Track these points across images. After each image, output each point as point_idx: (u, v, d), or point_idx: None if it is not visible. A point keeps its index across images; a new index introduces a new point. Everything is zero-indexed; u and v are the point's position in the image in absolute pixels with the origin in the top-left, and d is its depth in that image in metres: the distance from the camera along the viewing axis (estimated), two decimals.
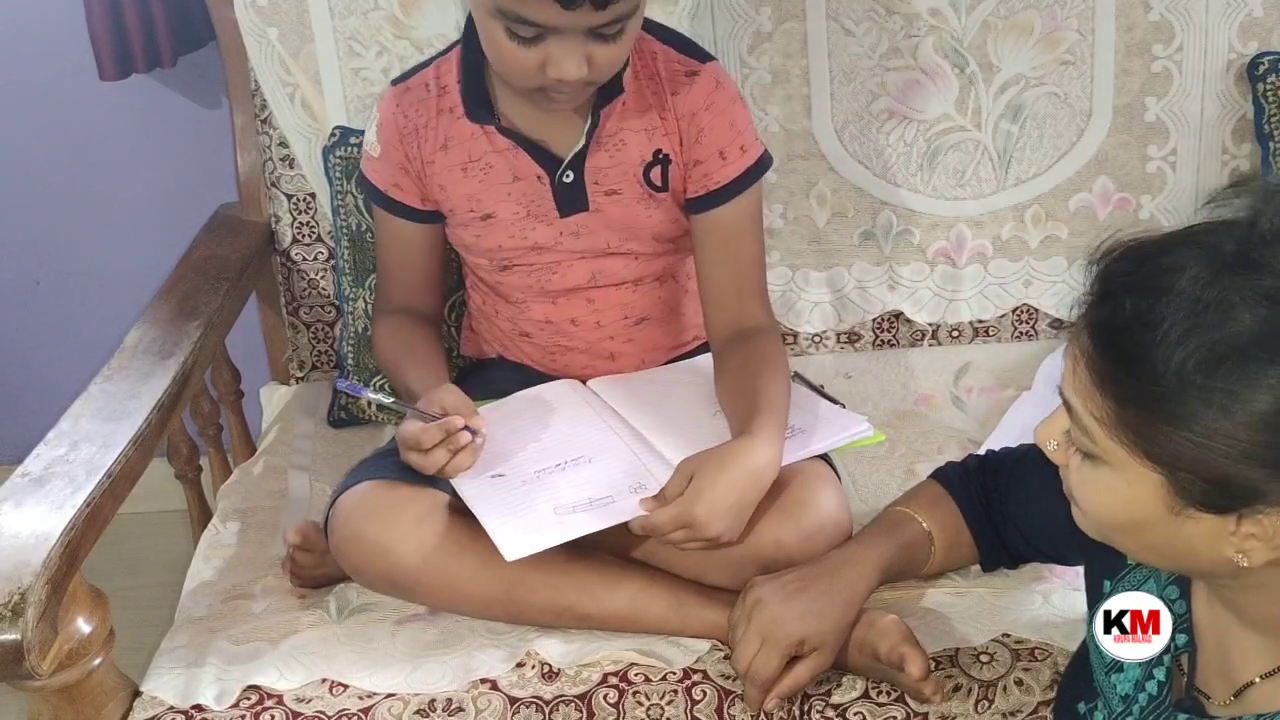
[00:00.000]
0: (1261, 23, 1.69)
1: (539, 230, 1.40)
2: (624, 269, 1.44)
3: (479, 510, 1.24)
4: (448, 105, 1.38)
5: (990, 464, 1.25)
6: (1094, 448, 0.81)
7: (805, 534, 1.23)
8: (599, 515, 1.22)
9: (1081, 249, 1.76)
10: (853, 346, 1.81)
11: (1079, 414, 0.82)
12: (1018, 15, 1.68)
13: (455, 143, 1.39)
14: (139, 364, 1.41)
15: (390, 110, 1.41)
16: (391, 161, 1.42)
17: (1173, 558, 0.84)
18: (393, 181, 1.43)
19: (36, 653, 1.05)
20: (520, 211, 1.39)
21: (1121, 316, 0.78)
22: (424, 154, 1.40)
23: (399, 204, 1.44)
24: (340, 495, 1.31)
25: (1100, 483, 0.83)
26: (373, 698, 1.20)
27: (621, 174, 1.38)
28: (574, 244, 1.41)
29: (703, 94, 1.36)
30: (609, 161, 1.37)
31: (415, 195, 1.43)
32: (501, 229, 1.41)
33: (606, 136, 1.36)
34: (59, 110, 2.02)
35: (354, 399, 1.69)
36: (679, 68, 1.37)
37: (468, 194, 1.40)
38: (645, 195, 1.39)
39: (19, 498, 1.16)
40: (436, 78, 1.40)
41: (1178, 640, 0.91)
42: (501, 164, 1.38)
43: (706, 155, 1.37)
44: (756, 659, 1.14)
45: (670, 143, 1.37)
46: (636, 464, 1.30)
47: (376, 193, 1.45)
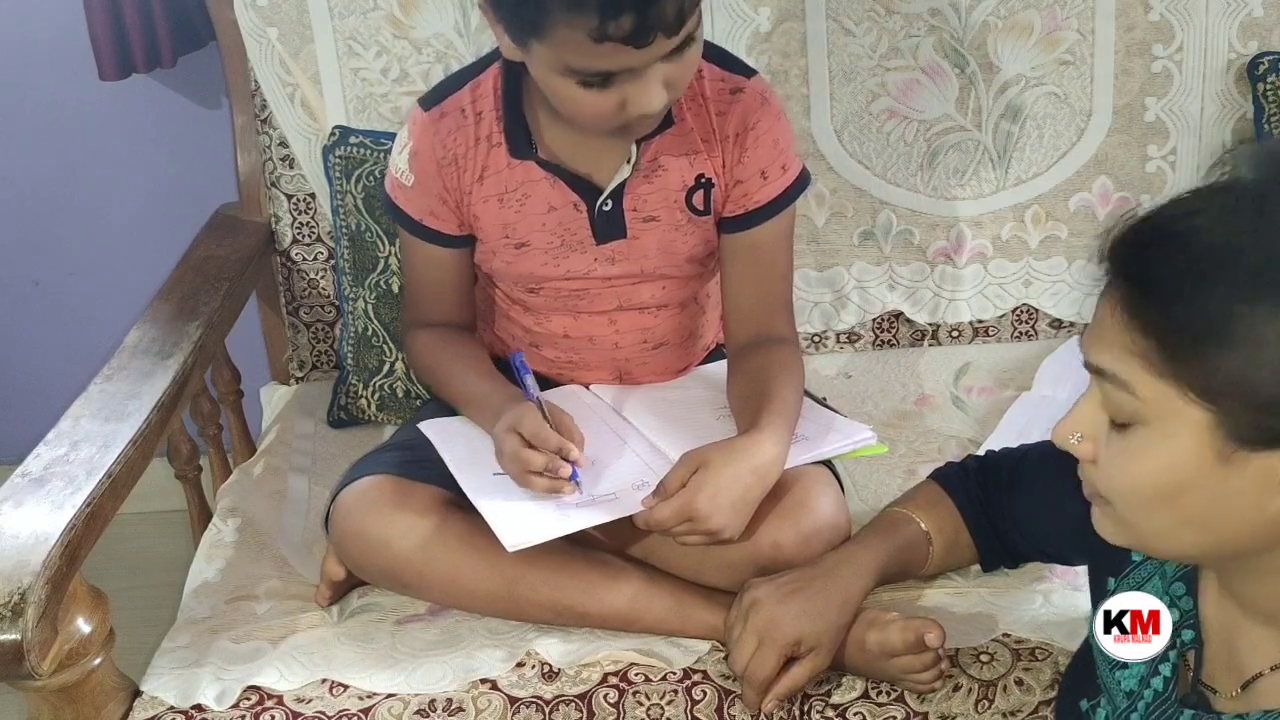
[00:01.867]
0: (1261, 23, 1.69)
1: (573, 259, 1.36)
2: (650, 296, 1.41)
3: (479, 502, 1.24)
4: (484, 133, 1.33)
5: (991, 464, 1.25)
6: (1134, 402, 0.79)
7: (803, 536, 1.23)
8: (601, 510, 1.23)
9: (1081, 249, 1.76)
10: (853, 346, 1.81)
11: (1115, 369, 0.80)
12: (1018, 15, 1.68)
13: (491, 173, 1.34)
14: (139, 364, 1.41)
15: (427, 139, 1.33)
16: (429, 192, 1.35)
17: (1214, 528, 0.81)
18: (428, 210, 1.37)
19: (36, 653, 1.05)
20: (555, 241, 1.35)
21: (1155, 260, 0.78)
22: (463, 184, 1.34)
23: (434, 232, 1.38)
24: (341, 490, 1.31)
25: (1137, 452, 0.81)
26: (373, 698, 1.20)
27: (661, 200, 1.34)
28: (608, 270, 1.37)
29: (748, 113, 1.32)
30: (649, 188, 1.34)
31: (452, 223, 1.37)
32: (534, 258, 1.37)
33: (646, 163, 1.32)
34: (59, 110, 2.02)
35: (352, 401, 1.69)
36: (723, 85, 1.33)
37: (503, 223, 1.35)
38: (685, 220, 1.35)
39: (19, 498, 1.16)
40: (473, 102, 1.33)
41: (1184, 636, 0.91)
42: (538, 194, 1.33)
43: (748, 175, 1.34)
44: (753, 660, 1.14)
45: (713, 165, 1.33)
46: (640, 464, 1.30)
47: (409, 221, 1.38)
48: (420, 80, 1.70)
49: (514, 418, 1.25)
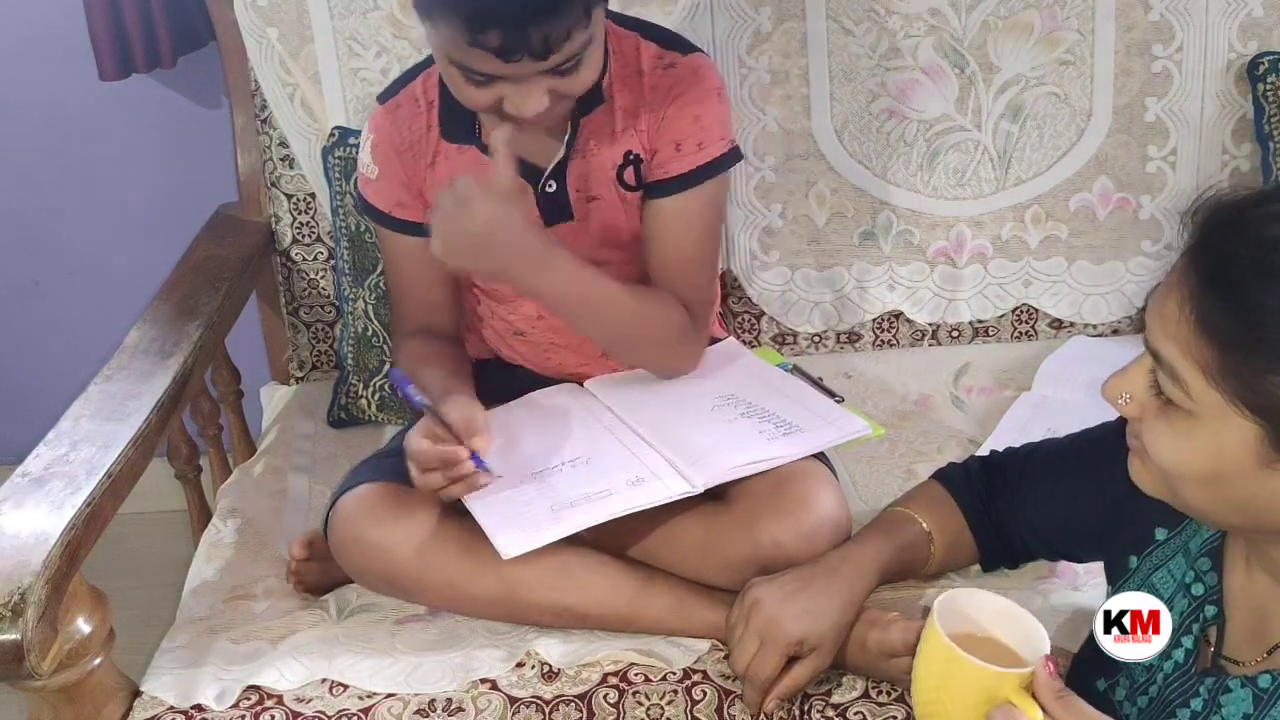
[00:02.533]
0: (1261, 23, 1.69)
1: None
2: (615, 274, 1.40)
3: (476, 510, 1.24)
4: (434, 120, 1.38)
5: (995, 463, 1.25)
6: (1185, 399, 0.80)
7: (804, 534, 1.23)
8: (596, 509, 1.22)
9: (1081, 249, 1.76)
10: (853, 346, 1.81)
11: (1174, 363, 0.80)
12: (1018, 15, 1.68)
13: (442, 158, 1.38)
14: (139, 364, 1.41)
15: (385, 129, 1.38)
16: (393, 180, 1.39)
17: (1250, 513, 0.83)
18: (395, 201, 1.40)
19: (36, 653, 1.05)
20: None
21: (1233, 263, 0.77)
22: (419, 169, 1.39)
23: (405, 222, 1.40)
24: (340, 496, 1.31)
25: (1183, 434, 0.82)
26: (373, 698, 1.20)
27: (600, 179, 1.37)
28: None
29: (675, 84, 1.34)
30: (587, 167, 1.37)
31: (419, 211, 1.39)
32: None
33: (581, 143, 1.35)
34: (59, 110, 2.02)
35: (352, 401, 1.69)
36: (660, 61, 1.36)
37: None
38: (620, 196, 1.38)
39: (19, 498, 1.16)
40: (424, 91, 1.38)
41: (1207, 612, 0.92)
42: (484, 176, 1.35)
43: (663, 144, 1.35)
44: (755, 660, 1.14)
45: (640, 140, 1.36)
46: (633, 459, 1.30)
47: (379, 214, 1.41)
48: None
49: (407, 446, 1.25)
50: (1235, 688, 0.86)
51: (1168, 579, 0.95)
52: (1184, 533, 0.96)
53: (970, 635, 0.94)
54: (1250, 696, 0.85)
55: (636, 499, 1.23)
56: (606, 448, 1.33)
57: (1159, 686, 0.93)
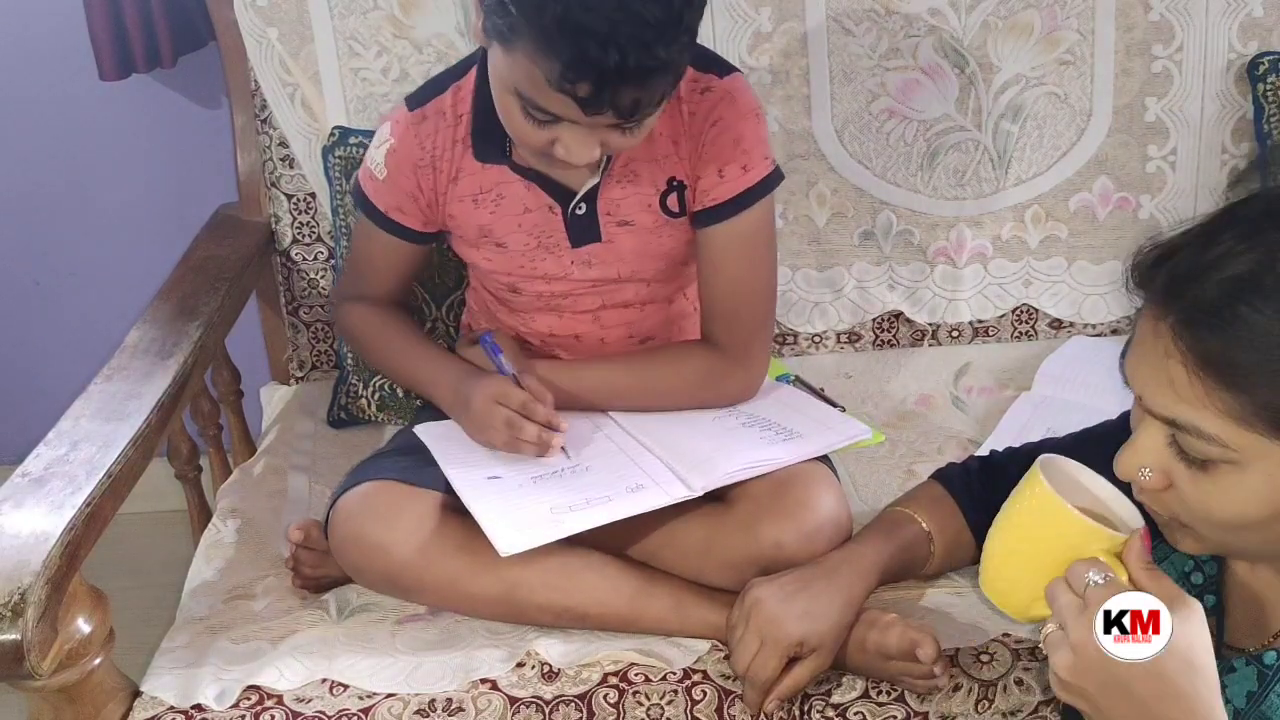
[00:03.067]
0: (1261, 23, 1.69)
1: (549, 261, 1.38)
2: (634, 294, 1.42)
3: (474, 507, 1.24)
4: (462, 135, 1.35)
5: (995, 463, 1.25)
6: (1225, 451, 0.78)
7: (805, 535, 1.23)
8: (595, 513, 1.22)
9: (1081, 249, 1.76)
10: (853, 346, 1.81)
11: (1197, 424, 0.78)
12: (1018, 15, 1.68)
13: (466, 174, 1.36)
14: (139, 364, 1.41)
15: (407, 140, 1.35)
16: (399, 189, 1.38)
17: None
18: (396, 205, 1.40)
19: (36, 653, 1.05)
20: (531, 243, 1.37)
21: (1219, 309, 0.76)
22: (438, 185, 1.37)
23: (399, 226, 1.41)
24: (340, 495, 1.31)
25: (1233, 485, 0.80)
26: (373, 698, 1.20)
27: (636, 204, 1.35)
28: (585, 272, 1.38)
29: (711, 109, 1.31)
30: (622, 194, 1.35)
31: (418, 221, 1.40)
32: (512, 258, 1.39)
33: (619, 169, 1.33)
34: (59, 110, 2.02)
35: (352, 401, 1.69)
36: (695, 85, 1.32)
37: (478, 224, 1.37)
38: (662, 223, 1.36)
39: (19, 498, 1.16)
40: (454, 105, 1.35)
41: (1207, 601, 0.92)
42: (512, 196, 1.35)
43: (706, 171, 1.33)
44: (756, 660, 1.14)
45: (684, 168, 1.34)
46: (633, 466, 1.30)
47: (377, 213, 1.41)
48: (420, 80, 1.69)
49: (498, 392, 1.30)
50: (1240, 666, 0.86)
51: (1169, 569, 0.95)
52: None
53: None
54: (1255, 674, 0.85)
55: (635, 504, 1.23)
56: (606, 453, 1.33)
57: None
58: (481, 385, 1.31)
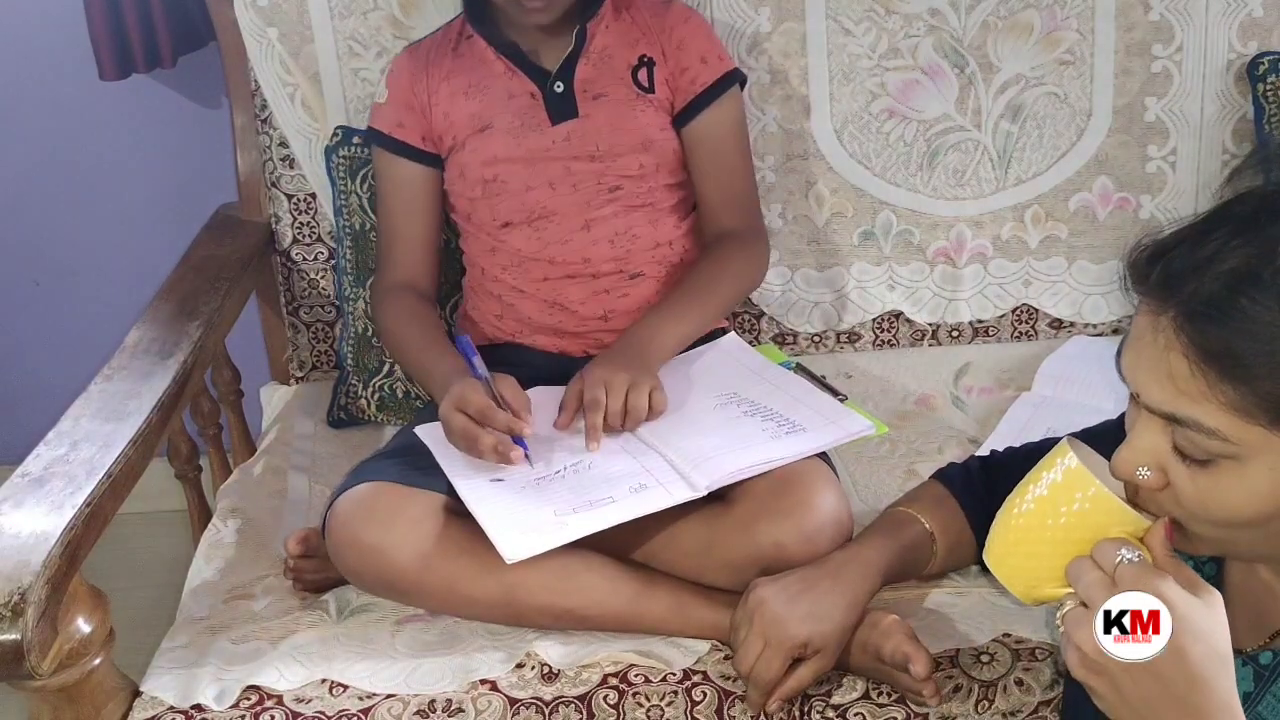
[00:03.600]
0: (1261, 23, 1.69)
1: (532, 138, 1.50)
2: (614, 193, 1.50)
3: (478, 512, 1.23)
4: (452, 37, 1.56)
5: (996, 462, 1.25)
6: (1226, 446, 0.77)
7: (806, 535, 1.23)
8: (599, 516, 1.22)
9: (1082, 249, 1.76)
10: (853, 346, 1.81)
11: (1198, 418, 0.78)
12: (1018, 15, 1.68)
13: (458, 72, 1.53)
14: (139, 364, 1.41)
15: (405, 59, 1.57)
16: (397, 101, 1.55)
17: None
18: (396, 121, 1.55)
19: (36, 653, 1.05)
20: (515, 122, 1.51)
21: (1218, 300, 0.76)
22: (431, 85, 1.54)
23: (401, 144, 1.55)
24: (338, 498, 1.31)
25: (1236, 481, 0.79)
26: (373, 698, 1.20)
27: (609, 80, 1.52)
28: (565, 149, 1.50)
29: (679, 17, 1.55)
30: (595, 72, 1.51)
31: (417, 133, 1.55)
32: (497, 139, 1.50)
33: (594, 51, 1.52)
34: (59, 110, 2.03)
35: (352, 401, 1.69)
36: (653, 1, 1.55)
37: (470, 113, 1.52)
38: (633, 96, 1.52)
39: (19, 498, 1.16)
40: (445, 31, 1.57)
41: None
42: (498, 85, 1.52)
43: (690, 60, 1.53)
44: (759, 662, 1.13)
45: (654, 50, 1.53)
46: (635, 465, 1.29)
47: (380, 136, 1.56)
48: None
49: (458, 396, 1.30)
50: (1237, 667, 0.86)
51: None
52: None
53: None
54: (1251, 675, 0.85)
55: (639, 506, 1.23)
56: (608, 453, 1.32)
57: None
58: (451, 389, 1.32)
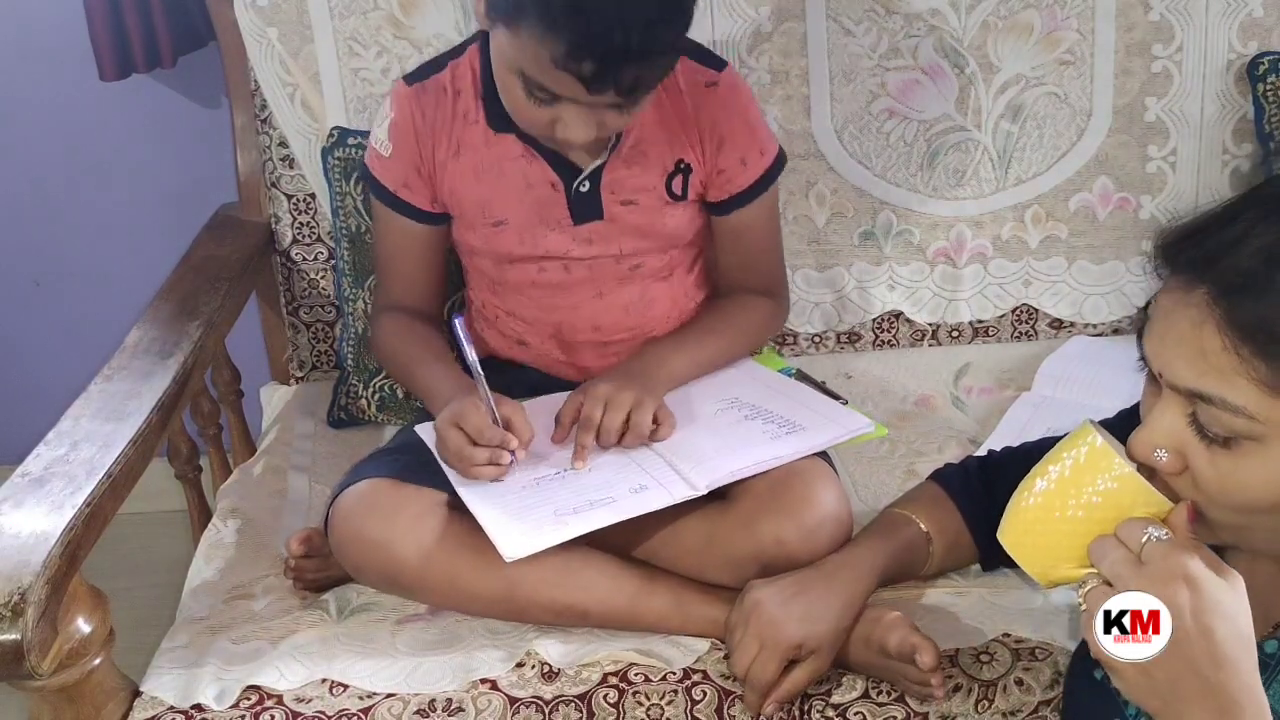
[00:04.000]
0: (1261, 23, 1.69)
1: (550, 238, 1.40)
2: (645, 263, 1.44)
3: (478, 511, 1.24)
4: (461, 110, 1.38)
5: (993, 463, 1.25)
6: (1251, 425, 0.77)
7: (806, 532, 1.23)
8: (598, 515, 1.22)
9: (1082, 249, 1.76)
10: (853, 346, 1.81)
11: (1224, 394, 0.77)
12: (1018, 15, 1.68)
13: (467, 148, 1.38)
14: (139, 364, 1.41)
15: (407, 110, 1.39)
16: (404, 160, 1.40)
17: None
18: (403, 182, 1.42)
19: (36, 653, 1.05)
20: (532, 219, 1.39)
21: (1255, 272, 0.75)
22: (437, 156, 1.39)
23: (407, 205, 1.43)
24: (340, 493, 1.31)
25: (1259, 463, 0.78)
26: (373, 698, 1.20)
27: (640, 184, 1.39)
28: (585, 250, 1.41)
29: (722, 104, 1.38)
30: (628, 174, 1.38)
31: (425, 197, 1.42)
32: (511, 235, 1.40)
33: (628, 149, 1.37)
34: (59, 110, 2.02)
35: (352, 401, 1.69)
36: (699, 79, 1.38)
37: (478, 199, 1.40)
38: (664, 203, 1.40)
39: (19, 498, 1.16)
40: (452, 81, 1.39)
41: None
42: (514, 170, 1.38)
43: (729, 163, 1.40)
44: (755, 663, 1.14)
45: (693, 153, 1.39)
46: (634, 465, 1.30)
47: (385, 192, 1.43)
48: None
49: (456, 412, 1.27)
50: None
51: None
52: None
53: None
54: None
55: (639, 505, 1.23)
56: (609, 455, 1.32)
57: None
58: (451, 404, 1.29)
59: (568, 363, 1.50)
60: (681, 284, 1.48)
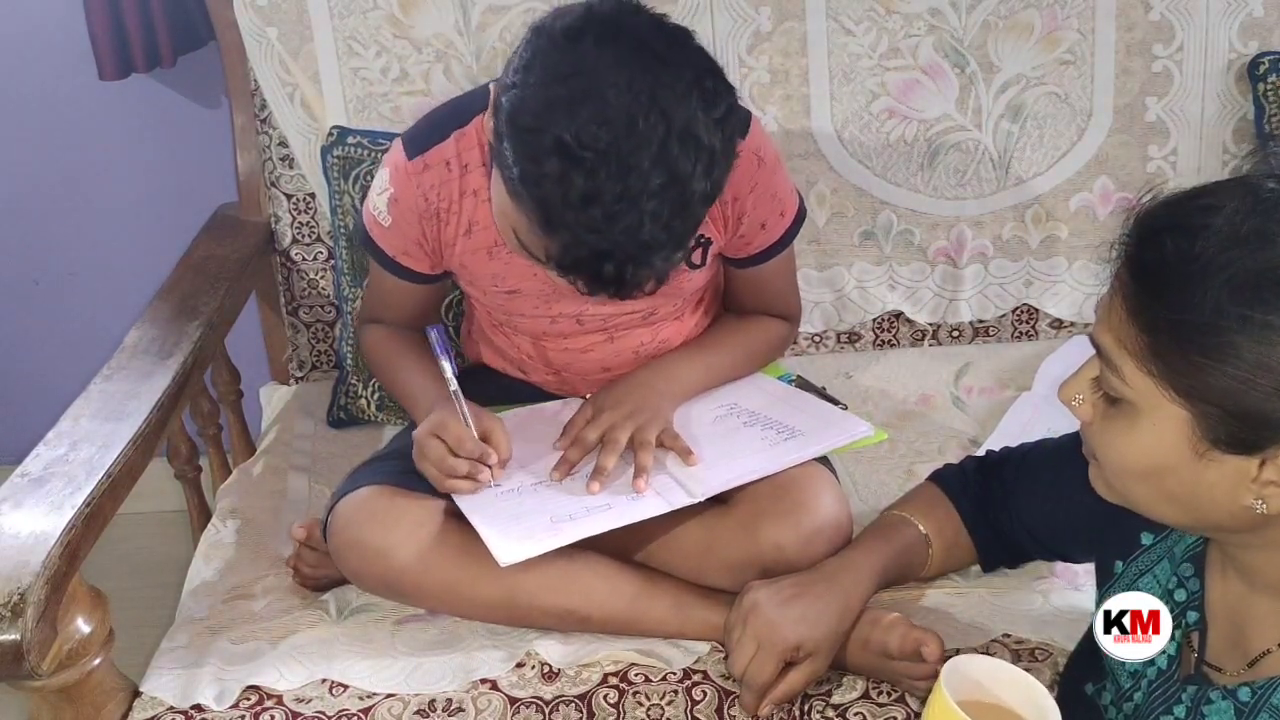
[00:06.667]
0: (1261, 23, 1.69)
1: (564, 303, 1.35)
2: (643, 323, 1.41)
3: (474, 517, 1.24)
4: (471, 187, 1.29)
5: (991, 463, 1.25)
6: (1123, 387, 0.82)
7: (805, 536, 1.23)
8: (595, 521, 1.22)
9: (1082, 249, 1.76)
10: (853, 346, 1.81)
11: (1110, 352, 0.82)
12: (1018, 15, 1.68)
13: (480, 227, 1.31)
14: (139, 364, 1.41)
15: (409, 190, 1.30)
16: (406, 236, 1.34)
17: (1192, 508, 0.84)
18: (403, 250, 1.36)
19: (36, 653, 1.05)
20: (546, 289, 1.32)
21: (1160, 251, 0.79)
22: (444, 236, 1.33)
23: (407, 270, 1.38)
24: (339, 500, 1.31)
25: (1126, 429, 0.83)
26: (373, 698, 1.20)
27: None
28: (600, 309, 1.36)
29: (744, 177, 1.29)
30: None
31: (426, 264, 1.37)
32: (525, 302, 1.36)
33: None
34: (59, 110, 2.02)
35: (352, 401, 1.69)
36: None
37: (491, 274, 1.34)
38: (683, 272, 1.34)
39: (19, 498, 1.16)
40: (457, 155, 1.28)
41: (1189, 618, 0.92)
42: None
43: (750, 229, 1.36)
44: (752, 665, 1.13)
45: (714, 228, 1.33)
46: (632, 473, 1.29)
47: (384, 257, 1.38)
48: (420, 80, 1.70)
49: (436, 422, 1.26)
50: (1216, 699, 0.86)
51: (1153, 584, 0.95)
52: (1169, 538, 0.97)
53: (979, 701, 0.92)
54: (1231, 709, 0.85)
55: (636, 512, 1.23)
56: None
57: (1144, 692, 0.93)
58: (431, 415, 1.28)
59: (569, 390, 1.49)
60: (693, 317, 1.46)
